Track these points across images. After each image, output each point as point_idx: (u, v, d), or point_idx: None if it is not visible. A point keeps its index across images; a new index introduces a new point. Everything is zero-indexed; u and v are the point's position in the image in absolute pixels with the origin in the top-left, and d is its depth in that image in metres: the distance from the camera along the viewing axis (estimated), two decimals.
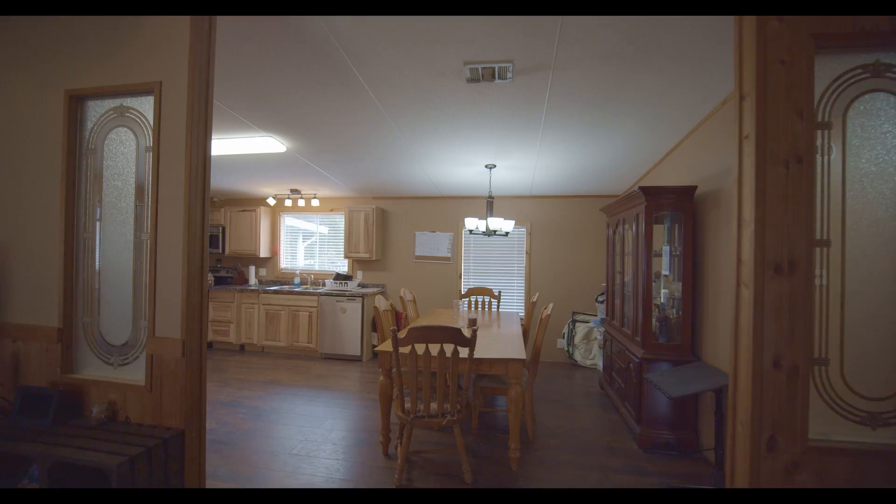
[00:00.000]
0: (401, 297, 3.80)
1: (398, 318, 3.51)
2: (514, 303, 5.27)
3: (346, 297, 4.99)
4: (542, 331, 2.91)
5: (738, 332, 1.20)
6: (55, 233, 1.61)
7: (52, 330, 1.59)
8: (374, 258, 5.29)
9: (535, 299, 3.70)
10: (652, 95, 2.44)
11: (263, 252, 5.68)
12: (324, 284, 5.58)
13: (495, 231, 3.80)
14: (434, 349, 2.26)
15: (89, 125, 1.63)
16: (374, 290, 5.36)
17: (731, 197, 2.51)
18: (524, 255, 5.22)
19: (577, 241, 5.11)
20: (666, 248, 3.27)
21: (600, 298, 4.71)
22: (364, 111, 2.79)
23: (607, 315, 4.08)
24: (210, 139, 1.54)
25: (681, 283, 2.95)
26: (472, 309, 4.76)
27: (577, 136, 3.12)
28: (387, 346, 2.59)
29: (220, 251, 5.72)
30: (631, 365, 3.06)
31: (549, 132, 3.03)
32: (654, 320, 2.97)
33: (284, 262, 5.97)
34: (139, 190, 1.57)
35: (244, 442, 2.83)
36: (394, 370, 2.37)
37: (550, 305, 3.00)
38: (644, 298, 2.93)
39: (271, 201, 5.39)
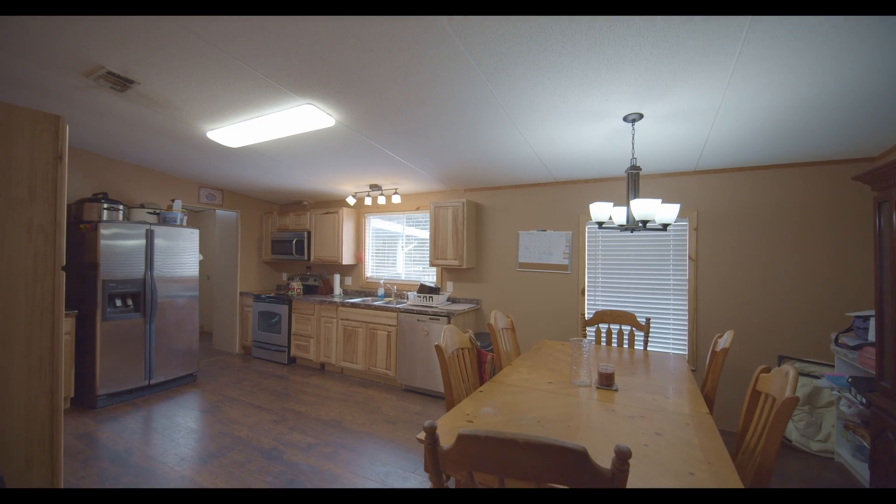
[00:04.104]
0: (490, 326, 2.55)
1: (481, 361, 2.26)
2: (669, 336, 3.51)
3: (428, 316, 3.94)
4: (773, 431, 1.32)
5: None
6: None
7: None
8: (464, 266, 4.14)
9: (726, 343, 2.04)
10: None
11: (346, 259, 5.03)
12: (406, 298, 4.65)
13: (644, 223, 2.27)
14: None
15: None
16: (466, 306, 4.20)
17: None
18: (686, 262, 3.44)
19: (784, 239, 3.13)
20: None
21: (845, 340, 2.69)
22: (414, 33, 1.64)
23: (878, 374, 2.14)
24: None
25: None
26: (603, 343, 3.22)
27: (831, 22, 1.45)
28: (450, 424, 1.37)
29: (307, 258, 5.28)
30: None
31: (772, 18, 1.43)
32: None
33: (370, 271, 5.25)
34: None
35: None
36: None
37: (790, 372, 1.39)
38: None
39: (351, 200, 4.69)
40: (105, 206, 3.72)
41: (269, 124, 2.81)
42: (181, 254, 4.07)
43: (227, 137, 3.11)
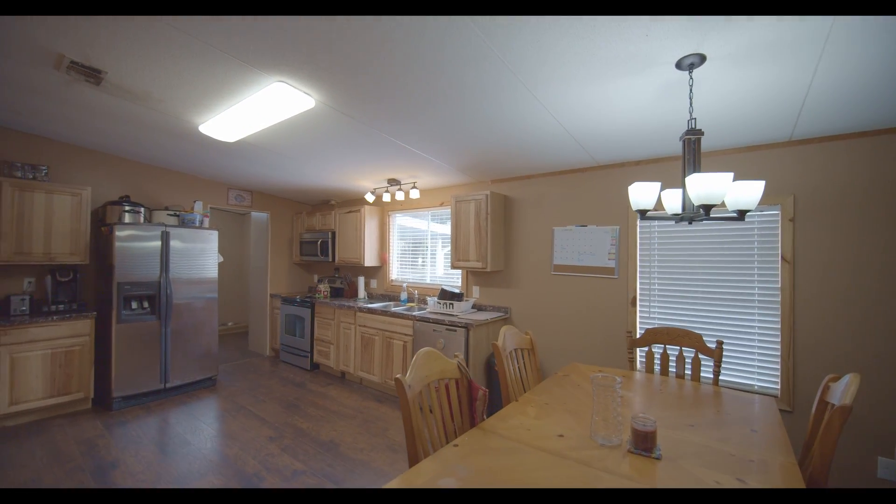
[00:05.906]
0: (495, 347, 2.00)
1: (472, 396, 1.71)
2: (751, 364, 2.65)
3: (445, 326, 3.43)
4: None
5: None
6: None
7: None
8: (488, 268, 3.57)
9: (848, 397, 1.30)
10: None
11: (369, 260, 4.70)
12: (427, 304, 4.19)
13: (707, 209, 1.56)
14: None
15: None
16: (492, 315, 3.63)
17: None
18: (777, 265, 2.57)
19: None
20: None
21: None
22: None
23: None
24: None
25: None
26: (656, 370, 2.50)
27: None
28: None
29: (332, 260, 5.04)
30: None
31: None
32: None
33: (395, 273, 4.87)
34: None
35: None
36: None
37: None
38: None
39: (370, 197, 4.34)
40: (126, 208, 3.73)
41: (249, 111, 2.51)
42: (199, 255, 3.99)
43: (219, 131, 2.88)
